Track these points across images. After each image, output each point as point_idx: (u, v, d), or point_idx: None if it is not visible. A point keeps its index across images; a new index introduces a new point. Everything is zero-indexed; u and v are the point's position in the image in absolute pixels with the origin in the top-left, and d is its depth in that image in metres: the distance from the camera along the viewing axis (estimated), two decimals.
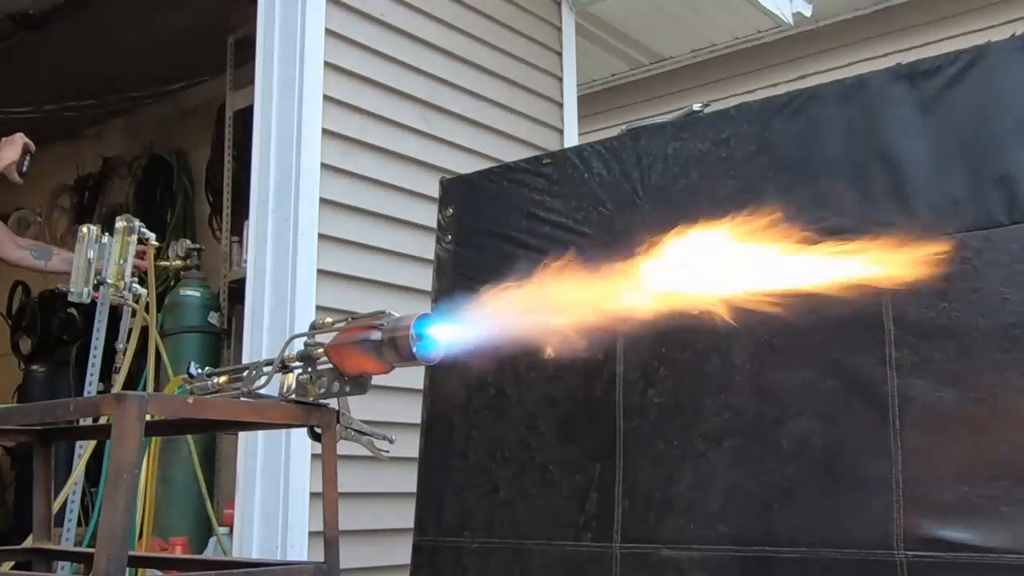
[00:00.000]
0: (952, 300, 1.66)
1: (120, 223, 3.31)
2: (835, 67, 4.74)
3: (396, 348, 1.56)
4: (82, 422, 2.52)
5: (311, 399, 1.67)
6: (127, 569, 1.52)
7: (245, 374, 1.75)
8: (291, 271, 2.97)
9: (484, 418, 2.18)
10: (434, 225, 2.42)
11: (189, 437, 3.60)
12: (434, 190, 2.51)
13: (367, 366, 1.62)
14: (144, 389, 3.39)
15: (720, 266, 1.91)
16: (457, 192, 2.39)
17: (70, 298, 3.25)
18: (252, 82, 3.24)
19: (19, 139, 3.30)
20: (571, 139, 4.07)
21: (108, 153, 5.94)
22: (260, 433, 2.86)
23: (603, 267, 2.05)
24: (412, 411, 2.44)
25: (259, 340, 2.96)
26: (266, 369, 1.71)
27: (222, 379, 1.79)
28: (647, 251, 2.02)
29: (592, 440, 2.01)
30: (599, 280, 2.01)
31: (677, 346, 1.94)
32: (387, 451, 1.77)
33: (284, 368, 1.70)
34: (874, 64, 1.95)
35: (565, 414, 2.07)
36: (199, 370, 1.82)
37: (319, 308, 2.96)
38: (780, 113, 1.93)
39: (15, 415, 1.99)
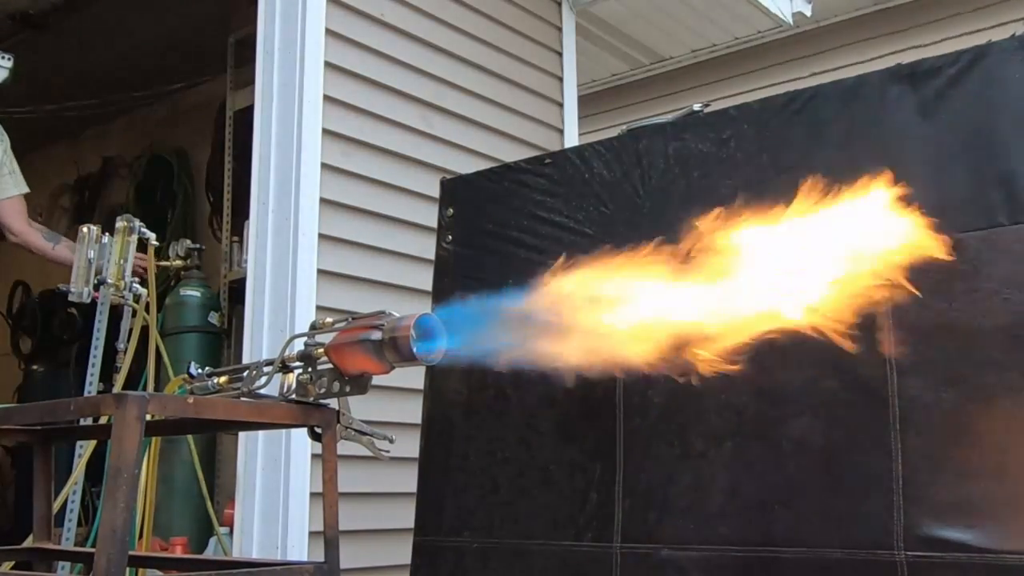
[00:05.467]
0: (952, 300, 1.66)
1: (120, 223, 3.32)
2: (835, 67, 4.74)
3: (396, 348, 1.56)
4: (82, 422, 2.52)
5: (311, 399, 1.68)
6: (127, 569, 1.52)
7: (245, 374, 1.75)
8: (291, 271, 2.97)
9: (484, 418, 2.18)
10: (434, 225, 2.42)
11: (189, 437, 3.60)
12: (434, 190, 2.51)
13: (367, 366, 1.62)
14: (144, 389, 3.39)
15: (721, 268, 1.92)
16: (457, 192, 2.39)
17: (70, 298, 3.25)
18: (252, 82, 3.24)
19: None
20: (571, 139, 4.07)
21: (108, 153, 5.94)
22: (260, 433, 2.86)
23: (603, 267, 2.05)
24: (412, 411, 2.44)
25: (259, 340, 2.96)
26: (266, 369, 1.72)
27: (222, 379, 1.79)
28: (648, 251, 2.02)
29: (592, 440, 2.01)
30: (599, 280, 2.01)
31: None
32: (387, 451, 1.77)
33: (284, 368, 1.70)
34: (874, 64, 1.95)
35: (565, 414, 2.07)
36: (199, 370, 1.83)
37: (319, 308, 2.96)
38: (780, 113, 1.93)
39: (15, 415, 1.99)
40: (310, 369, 1.68)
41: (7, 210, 3.55)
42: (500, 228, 2.26)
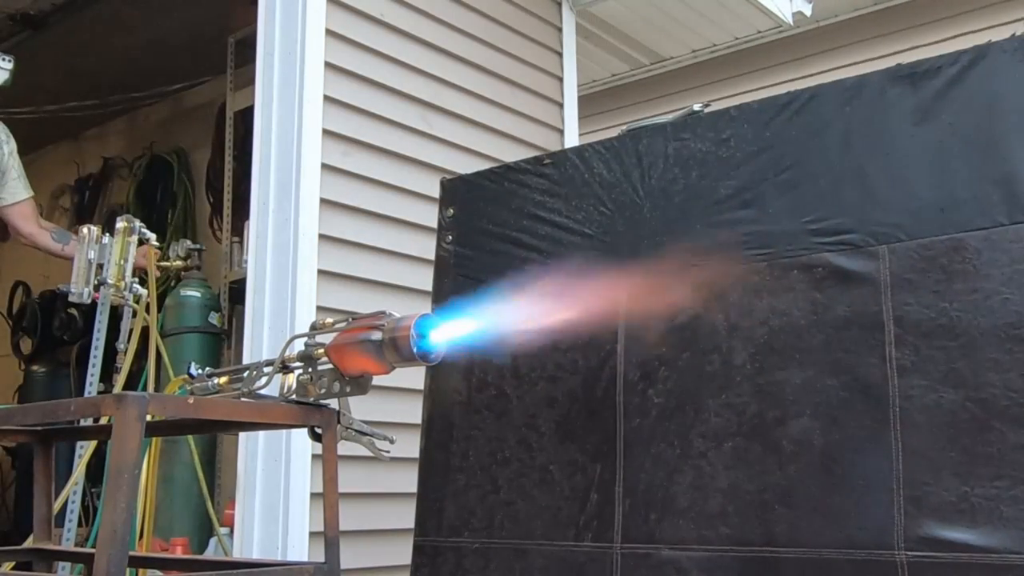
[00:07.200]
0: (952, 300, 1.66)
1: (120, 223, 3.32)
2: (835, 67, 4.74)
3: (397, 348, 1.56)
4: (83, 422, 2.52)
5: (312, 399, 1.68)
6: (127, 569, 1.52)
7: (246, 374, 1.75)
8: (291, 271, 2.97)
9: (484, 418, 2.18)
10: (434, 225, 2.42)
11: (190, 437, 3.60)
12: (434, 190, 2.51)
13: (368, 366, 1.62)
14: (145, 389, 3.39)
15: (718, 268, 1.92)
16: (457, 192, 2.39)
17: (71, 298, 3.25)
18: (252, 82, 3.24)
19: None
20: (571, 139, 4.07)
21: (109, 153, 5.95)
22: (261, 433, 2.86)
23: (603, 267, 2.06)
24: (412, 411, 2.44)
25: (260, 340, 2.96)
26: (267, 369, 1.72)
27: (223, 379, 1.79)
28: (647, 252, 2.02)
29: (592, 440, 2.01)
30: (599, 280, 2.02)
31: (677, 346, 1.94)
32: (388, 451, 1.77)
33: (285, 368, 1.70)
34: (875, 64, 1.95)
35: (565, 414, 2.07)
36: (199, 370, 1.83)
37: (319, 308, 2.96)
38: (780, 113, 1.93)
39: (16, 415, 1.99)
40: (310, 369, 1.68)
41: (18, 214, 3.59)
42: (500, 228, 2.26)
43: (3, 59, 3.54)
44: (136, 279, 3.32)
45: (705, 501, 1.83)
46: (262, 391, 1.72)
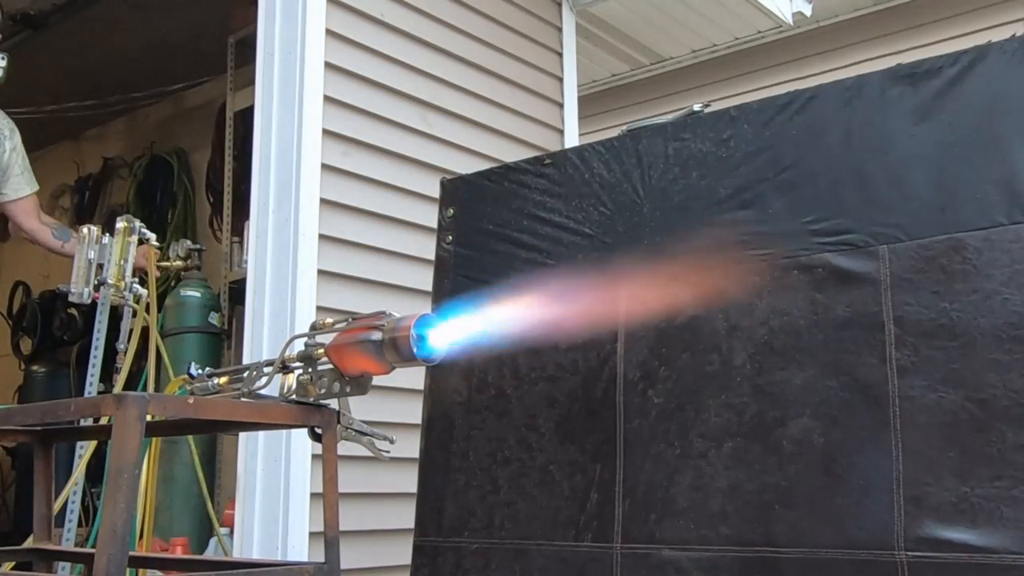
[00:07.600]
0: (952, 300, 1.66)
1: (120, 223, 3.32)
2: (835, 67, 4.74)
3: (396, 348, 1.56)
4: (83, 422, 2.52)
5: (312, 399, 1.68)
6: (127, 569, 1.52)
7: (246, 374, 1.75)
8: (292, 271, 2.97)
9: (484, 418, 2.18)
10: (434, 225, 2.43)
11: (190, 437, 3.60)
12: (434, 190, 2.51)
13: (368, 366, 1.62)
14: (145, 389, 3.39)
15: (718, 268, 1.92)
16: (458, 192, 2.39)
17: (71, 298, 3.25)
18: (253, 82, 3.24)
19: None
20: (571, 139, 4.07)
21: (109, 153, 5.95)
22: (261, 434, 2.86)
23: (603, 267, 2.06)
24: (412, 411, 2.44)
25: (260, 340, 2.96)
26: (267, 369, 1.72)
27: (222, 379, 1.79)
28: (647, 252, 2.02)
29: (592, 440, 2.01)
30: (599, 281, 2.02)
31: (677, 346, 1.94)
32: (387, 451, 1.77)
33: (285, 368, 1.70)
34: (875, 64, 1.95)
35: (565, 414, 2.07)
36: (199, 370, 1.83)
37: (320, 308, 2.96)
38: (780, 113, 1.93)
39: (16, 415, 1.99)
40: (310, 370, 1.68)
41: (20, 209, 3.60)
42: (500, 228, 2.26)
43: None
44: (136, 279, 3.32)
45: (705, 501, 1.83)
46: (262, 391, 1.72)
